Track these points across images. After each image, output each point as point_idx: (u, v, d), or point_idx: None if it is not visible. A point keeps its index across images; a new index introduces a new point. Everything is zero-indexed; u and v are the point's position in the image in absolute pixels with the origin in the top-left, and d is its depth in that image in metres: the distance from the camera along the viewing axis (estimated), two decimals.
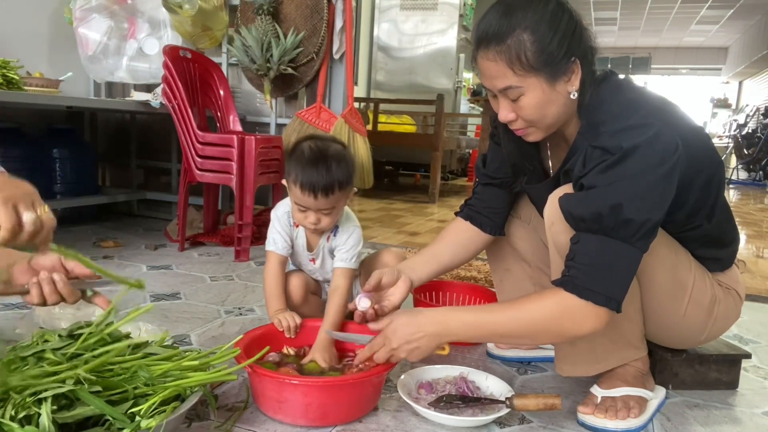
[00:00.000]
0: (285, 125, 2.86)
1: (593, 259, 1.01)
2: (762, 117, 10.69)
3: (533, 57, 1.01)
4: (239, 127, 2.78)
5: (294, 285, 1.50)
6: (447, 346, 1.19)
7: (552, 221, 1.12)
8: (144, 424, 0.81)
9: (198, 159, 2.43)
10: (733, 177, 9.62)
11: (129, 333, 1.07)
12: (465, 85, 7.09)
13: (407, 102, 5.66)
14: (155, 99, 2.55)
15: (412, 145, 5.36)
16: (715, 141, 11.28)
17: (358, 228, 1.52)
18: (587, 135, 1.08)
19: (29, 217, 0.87)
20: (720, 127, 13.95)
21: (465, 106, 7.11)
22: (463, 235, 1.43)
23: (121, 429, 0.81)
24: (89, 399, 0.81)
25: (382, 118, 5.72)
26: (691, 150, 1.06)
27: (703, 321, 1.22)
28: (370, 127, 5.01)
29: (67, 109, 2.78)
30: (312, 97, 2.87)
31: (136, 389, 0.87)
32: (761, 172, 9.58)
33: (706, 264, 1.23)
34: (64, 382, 0.82)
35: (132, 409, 0.84)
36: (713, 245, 1.22)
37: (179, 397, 0.92)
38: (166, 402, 0.87)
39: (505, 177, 1.35)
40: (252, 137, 2.40)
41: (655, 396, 1.26)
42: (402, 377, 1.23)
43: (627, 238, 0.99)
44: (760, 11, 11.15)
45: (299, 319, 1.38)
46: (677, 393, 1.38)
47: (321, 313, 1.45)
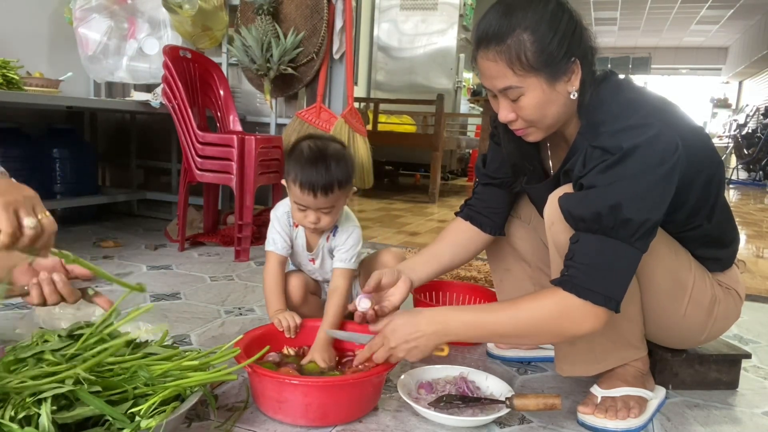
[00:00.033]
0: (285, 125, 2.86)
1: (592, 259, 1.01)
2: (762, 117, 10.69)
3: (533, 57, 1.01)
4: (239, 127, 2.78)
5: (293, 285, 1.50)
6: (446, 347, 1.19)
7: (552, 221, 1.12)
8: (144, 424, 0.81)
9: (198, 159, 2.43)
10: (733, 177, 9.62)
11: (128, 333, 1.07)
12: (465, 85, 7.09)
13: (407, 102, 5.66)
14: (155, 99, 2.55)
15: (412, 145, 5.36)
16: (715, 141, 11.27)
17: (357, 228, 1.53)
18: (587, 135, 1.08)
19: (30, 222, 0.87)
20: (720, 127, 13.95)
21: (465, 106, 7.11)
22: (463, 235, 1.43)
23: (121, 429, 0.81)
24: (89, 399, 0.81)
25: (382, 118, 5.72)
26: (691, 150, 1.06)
27: (703, 321, 1.22)
28: (370, 127, 5.01)
29: (67, 109, 2.78)
30: (312, 97, 2.87)
31: (135, 389, 0.87)
32: (761, 172, 9.59)
33: (706, 264, 1.23)
34: (63, 382, 0.82)
35: (132, 409, 0.84)
36: (713, 245, 1.22)
37: (179, 397, 0.92)
38: (166, 402, 0.87)
39: (505, 177, 1.35)
40: (252, 137, 2.40)
41: (655, 396, 1.26)
42: (402, 377, 1.23)
43: (626, 238, 0.99)
44: (760, 11, 11.15)
45: (299, 319, 1.38)
46: (677, 393, 1.38)
47: (320, 314, 1.45)
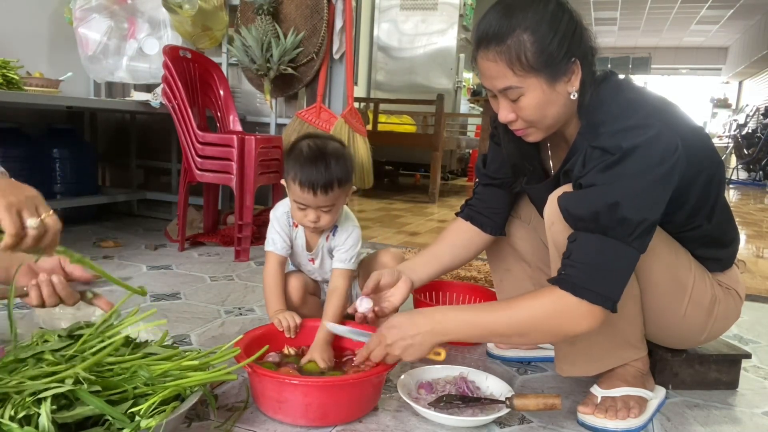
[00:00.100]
0: (285, 125, 2.86)
1: (590, 258, 1.01)
2: (762, 117, 10.69)
3: (533, 57, 1.01)
4: (239, 127, 2.78)
5: (293, 286, 1.50)
6: (442, 351, 1.19)
7: (552, 221, 1.12)
8: (144, 423, 0.81)
9: (198, 159, 2.43)
10: (733, 177, 9.62)
11: (128, 334, 1.07)
12: (465, 85, 7.09)
13: (407, 102, 5.66)
14: (155, 99, 2.55)
15: (412, 145, 5.36)
16: (715, 141, 11.27)
17: (357, 228, 1.52)
18: (587, 135, 1.08)
19: (33, 222, 0.87)
20: (720, 127, 13.95)
21: (465, 106, 7.11)
22: (464, 236, 1.43)
23: (121, 429, 0.81)
24: (89, 399, 0.81)
25: (382, 118, 5.72)
26: (692, 150, 1.06)
27: (703, 321, 1.22)
28: (370, 127, 5.01)
29: (67, 109, 2.78)
30: (312, 97, 2.87)
31: (135, 389, 0.87)
32: (761, 172, 9.58)
33: (706, 264, 1.23)
34: (63, 381, 0.82)
35: (132, 409, 0.84)
36: (713, 245, 1.22)
37: (179, 397, 0.92)
38: (165, 402, 0.87)
39: (506, 177, 1.35)
40: (252, 137, 2.40)
41: (655, 396, 1.26)
42: (402, 377, 1.23)
43: (624, 237, 0.99)
44: (760, 11, 11.15)
45: (299, 319, 1.38)
46: (677, 393, 1.37)
47: (320, 314, 1.45)
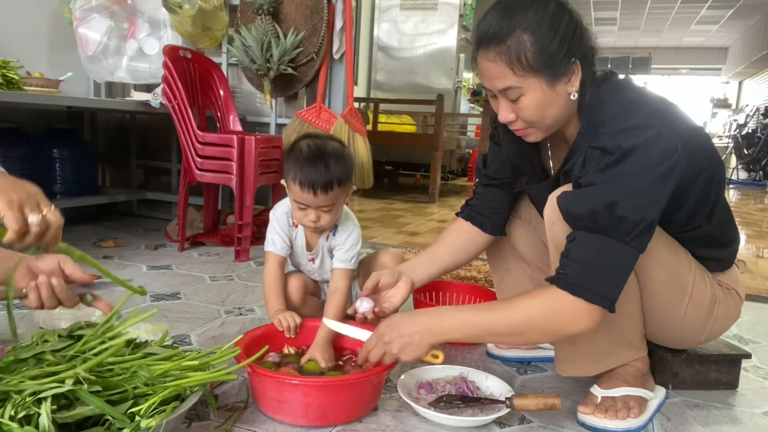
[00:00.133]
0: (285, 125, 2.86)
1: (588, 257, 1.01)
2: (762, 117, 10.69)
3: (533, 58, 1.01)
4: (239, 127, 2.78)
5: (292, 287, 1.50)
6: (440, 354, 1.19)
7: (552, 221, 1.12)
8: (144, 423, 0.81)
9: (198, 159, 2.43)
10: (733, 177, 9.62)
11: (128, 333, 1.07)
12: (465, 85, 7.09)
13: (407, 102, 5.66)
14: (155, 99, 2.55)
15: (412, 145, 5.36)
16: (715, 141, 11.27)
17: (357, 227, 1.53)
18: (587, 135, 1.08)
19: (35, 219, 0.87)
20: (720, 127, 13.95)
21: (465, 106, 7.11)
22: (464, 236, 1.43)
23: (121, 429, 0.81)
24: (89, 399, 0.81)
25: (382, 118, 5.72)
26: (692, 150, 1.06)
27: (703, 321, 1.22)
28: (370, 127, 5.01)
29: (67, 109, 2.78)
30: (312, 97, 2.87)
31: (135, 389, 0.87)
32: (761, 172, 9.58)
33: (706, 264, 1.23)
34: (63, 382, 0.82)
35: (132, 409, 0.84)
36: (713, 245, 1.22)
37: (179, 397, 0.92)
38: (166, 402, 0.87)
39: (506, 177, 1.35)
40: (252, 137, 2.40)
41: (655, 396, 1.26)
42: (402, 377, 1.23)
43: (622, 237, 0.99)
44: (760, 11, 11.15)
45: (299, 319, 1.38)
46: (677, 393, 1.38)
47: (320, 315, 1.45)
